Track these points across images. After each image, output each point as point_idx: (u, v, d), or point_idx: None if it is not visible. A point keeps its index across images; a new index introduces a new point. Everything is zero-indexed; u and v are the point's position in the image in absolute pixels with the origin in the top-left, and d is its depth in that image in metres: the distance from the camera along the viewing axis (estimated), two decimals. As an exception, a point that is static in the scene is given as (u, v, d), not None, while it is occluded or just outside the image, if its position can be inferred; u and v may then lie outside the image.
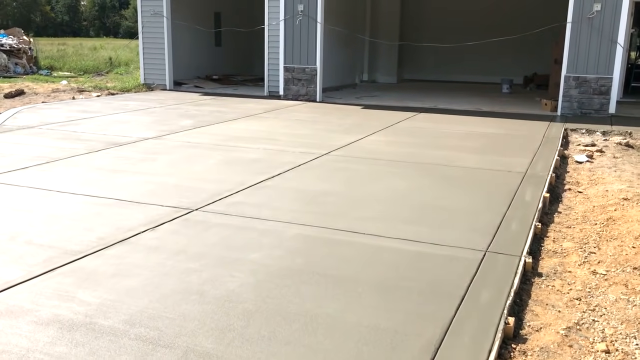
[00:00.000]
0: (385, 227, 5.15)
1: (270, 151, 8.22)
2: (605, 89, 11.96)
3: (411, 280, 4.08)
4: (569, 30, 12.02)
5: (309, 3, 13.98)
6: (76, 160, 7.46)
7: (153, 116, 11.33)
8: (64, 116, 11.07)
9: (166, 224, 5.12)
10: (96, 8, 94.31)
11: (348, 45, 17.07)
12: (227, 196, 5.98)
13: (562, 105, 12.33)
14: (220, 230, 4.99)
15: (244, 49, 20.06)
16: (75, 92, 15.86)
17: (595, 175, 7.47)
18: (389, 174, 7.07)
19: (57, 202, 5.71)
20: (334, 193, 6.20)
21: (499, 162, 7.76)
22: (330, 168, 7.34)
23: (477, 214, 5.58)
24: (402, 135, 9.77)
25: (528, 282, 4.27)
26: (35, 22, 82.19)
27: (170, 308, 3.61)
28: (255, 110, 12.44)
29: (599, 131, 10.39)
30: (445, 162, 7.71)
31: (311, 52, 14.20)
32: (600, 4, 11.71)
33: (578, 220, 5.71)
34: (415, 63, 20.08)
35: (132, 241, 4.71)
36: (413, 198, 6.13)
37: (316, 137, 9.36)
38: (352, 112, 12.52)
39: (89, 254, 4.42)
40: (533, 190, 6.40)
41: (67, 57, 24.90)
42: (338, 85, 16.45)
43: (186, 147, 8.39)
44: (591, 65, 11.98)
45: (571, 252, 4.89)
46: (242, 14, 19.34)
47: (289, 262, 4.35)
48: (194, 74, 17.94)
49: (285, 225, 5.14)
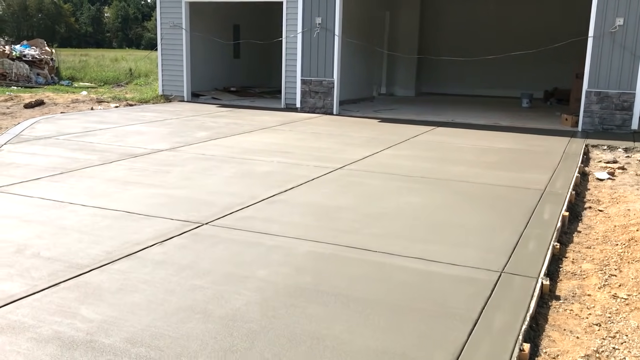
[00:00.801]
0: (399, 245, 5.02)
1: (285, 164, 8.14)
2: (627, 105, 11.71)
3: (423, 302, 3.94)
4: (591, 45, 11.82)
5: (327, 16, 13.96)
6: (90, 172, 7.45)
7: (169, 128, 11.33)
8: (81, 127, 11.12)
9: (175, 238, 5.04)
10: (119, 20, 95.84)
11: (366, 58, 17.00)
12: (238, 210, 5.90)
13: (583, 120, 12.10)
14: (229, 246, 4.90)
15: (262, 61, 20.11)
16: (94, 102, 15.98)
17: (616, 193, 7.26)
18: (404, 190, 6.94)
19: (67, 213, 5.67)
20: (347, 208, 6.09)
21: (517, 179, 7.59)
22: (345, 183, 7.23)
23: (494, 233, 5.42)
24: (418, 149, 9.64)
25: (545, 305, 4.10)
26: (60, 33, 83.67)
27: (173, 327, 3.51)
28: (271, 122, 12.40)
29: (621, 148, 10.16)
30: (462, 178, 7.56)
31: (328, 64, 14.15)
32: (623, 18, 11.50)
33: (598, 241, 5.52)
34: (434, 76, 19.94)
35: (139, 255, 4.64)
36: (428, 215, 5.99)
37: (331, 151, 9.27)
38: (369, 125, 12.42)
39: (95, 268, 4.35)
40: (552, 208, 6.22)
41: (88, 68, 25.21)
42: (355, 98, 16.37)
43: (200, 160, 8.35)
44: (613, 80, 11.75)
45: (591, 274, 4.71)
46: (260, 27, 19.41)
47: (298, 280, 4.23)
48: (212, 85, 18.00)
49: (295, 242, 5.04)
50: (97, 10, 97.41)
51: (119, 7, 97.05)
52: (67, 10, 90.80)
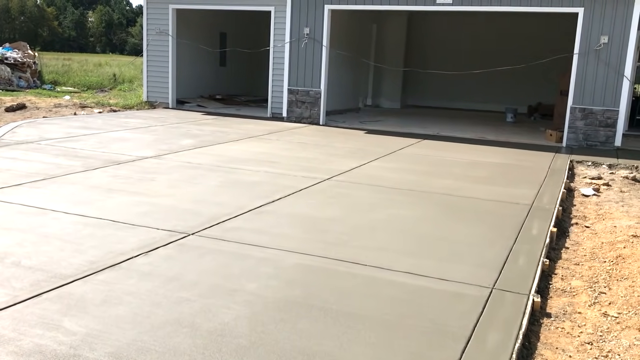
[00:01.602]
0: (388, 258, 4.97)
1: (272, 174, 8.06)
2: (611, 122, 11.84)
3: (414, 318, 3.88)
4: (576, 62, 11.95)
5: (315, 26, 13.96)
6: (72, 178, 7.30)
7: (154, 135, 11.20)
8: (64, 132, 10.94)
9: (160, 249, 4.93)
10: (103, 25, 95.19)
11: (353, 69, 17.03)
12: (225, 220, 5.80)
13: (568, 136, 12.21)
14: (216, 257, 4.81)
15: (249, 70, 20.05)
16: (77, 107, 15.77)
17: (602, 209, 7.30)
18: (392, 202, 6.90)
19: (49, 221, 5.53)
20: (336, 220, 6.03)
21: (504, 193, 7.59)
22: (332, 194, 7.17)
23: (483, 248, 5.40)
24: (405, 162, 9.62)
25: (537, 323, 4.07)
26: (42, 37, 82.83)
27: (160, 341, 3.41)
28: (257, 131, 12.32)
29: (605, 164, 10.25)
30: (450, 192, 7.54)
31: (316, 75, 14.13)
32: (607, 36, 11.65)
33: (586, 257, 5.53)
34: (419, 89, 20.05)
35: (123, 266, 4.52)
36: (417, 228, 5.95)
37: (319, 161, 9.22)
38: (356, 136, 12.40)
39: (78, 279, 4.23)
40: (540, 224, 6.23)
41: (71, 72, 24.92)
42: (342, 109, 16.36)
43: (186, 168, 8.24)
44: (597, 97, 11.88)
45: (580, 291, 4.70)
46: (247, 35, 19.36)
47: (287, 294, 4.15)
48: (197, 93, 17.88)
49: (284, 254, 4.96)
50: (80, 14, 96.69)
51: (103, 11, 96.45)
52: (50, 14, 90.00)
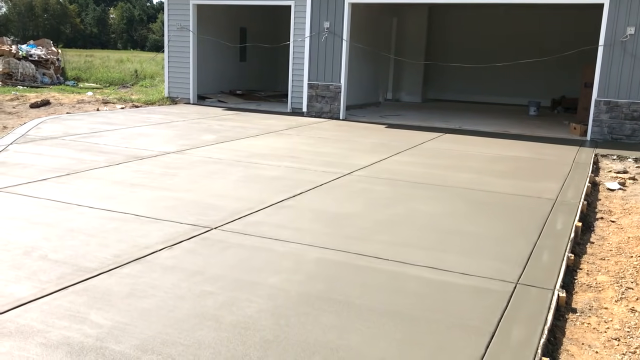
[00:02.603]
0: (410, 253, 4.94)
1: (292, 169, 8.07)
2: (637, 115, 11.63)
3: (438, 312, 3.86)
4: (601, 54, 11.75)
5: (335, 20, 13.91)
6: (96, 173, 7.39)
7: (175, 130, 11.28)
8: (87, 127, 11.07)
9: (184, 243, 4.97)
10: (124, 21, 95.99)
11: (373, 63, 16.95)
12: (247, 215, 5.83)
13: (592, 129, 12.02)
14: (238, 251, 4.83)
15: (268, 65, 20.06)
16: (100, 103, 15.95)
17: (628, 204, 7.18)
18: (413, 197, 6.86)
19: (74, 215, 5.61)
20: (357, 215, 6.01)
21: (528, 187, 7.51)
22: (353, 189, 7.16)
23: (507, 242, 5.35)
24: (427, 156, 9.56)
25: (562, 318, 4.02)
26: (65, 34, 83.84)
27: (184, 334, 3.44)
28: (277, 126, 12.34)
29: (631, 158, 10.07)
30: (472, 186, 7.48)
31: (336, 69, 14.10)
32: (634, 27, 11.43)
33: (612, 252, 5.44)
34: (441, 83, 19.89)
35: (148, 260, 4.57)
36: (438, 222, 5.91)
37: (339, 156, 9.20)
38: (376, 131, 12.35)
39: (104, 272, 4.28)
40: (564, 218, 6.15)
41: (93, 69, 25.21)
42: (362, 104, 16.31)
43: (207, 163, 8.29)
44: (623, 89, 11.67)
45: (606, 286, 4.63)
46: (267, 30, 19.37)
47: (309, 288, 4.16)
48: (218, 88, 17.95)
49: (305, 248, 4.96)
50: (102, 11, 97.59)
51: (124, 8, 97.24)
52: (72, 11, 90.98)
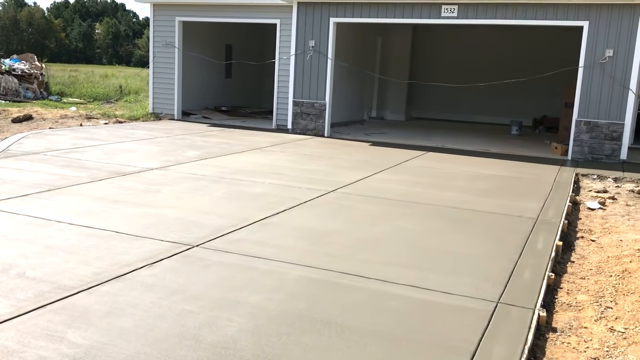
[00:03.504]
0: (393, 271, 4.95)
1: (276, 186, 8.07)
2: (616, 135, 11.82)
3: (419, 332, 3.86)
4: (581, 75, 11.96)
5: (320, 39, 14.02)
6: (78, 189, 7.32)
7: (159, 146, 11.24)
8: (70, 143, 10.99)
9: (165, 260, 4.93)
10: (110, 36, 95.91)
11: (357, 81, 17.08)
12: (230, 232, 5.80)
13: (573, 149, 12.19)
14: (220, 269, 4.80)
15: (254, 82, 20.13)
16: (84, 118, 15.85)
17: (608, 223, 7.26)
18: (396, 215, 6.89)
19: (54, 232, 5.54)
20: (340, 233, 6.02)
21: (509, 206, 7.57)
22: (337, 206, 7.17)
23: (488, 261, 5.38)
24: (410, 174, 9.62)
25: (542, 337, 4.04)
26: (50, 48, 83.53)
27: (164, 353, 3.40)
28: (262, 143, 12.35)
29: (611, 177, 10.21)
30: (455, 204, 7.53)
31: (321, 87, 14.18)
32: (613, 49, 11.66)
33: (592, 271, 5.49)
34: (424, 101, 20.07)
35: (128, 277, 4.52)
36: (421, 241, 5.93)
37: (323, 173, 9.22)
38: (360, 148, 12.41)
39: (83, 290, 4.23)
40: (545, 237, 6.20)
41: (77, 84, 25.08)
42: (346, 121, 16.39)
43: (191, 179, 8.26)
44: (603, 110, 11.87)
45: (586, 305, 4.66)
46: (253, 47, 19.46)
47: (291, 307, 4.14)
48: (203, 104, 17.95)
49: (288, 266, 4.95)
50: (88, 26, 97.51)
51: (110, 23, 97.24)
52: (57, 26, 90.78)
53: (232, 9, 15.32)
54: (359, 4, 13.50)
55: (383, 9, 13.31)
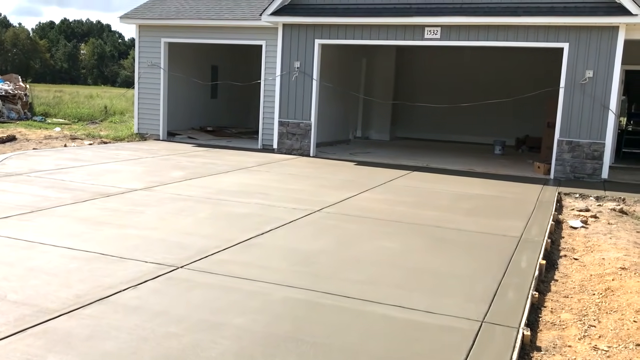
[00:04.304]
0: (378, 291, 4.95)
1: (261, 206, 8.06)
2: (597, 154, 11.99)
3: (405, 352, 3.86)
4: (562, 95, 12.15)
5: (305, 60, 14.14)
6: (61, 211, 7.26)
7: (144, 166, 11.20)
8: (54, 164, 10.92)
9: (149, 282, 4.89)
10: (95, 57, 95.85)
11: (342, 101, 17.21)
12: (215, 253, 5.78)
13: (555, 168, 12.34)
14: (204, 291, 4.77)
15: (240, 102, 20.20)
16: (68, 139, 15.77)
17: (590, 241, 7.33)
18: (382, 234, 6.90)
19: (36, 254, 5.48)
20: (325, 253, 6.02)
21: (493, 225, 7.63)
22: (322, 226, 7.17)
23: (472, 280, 5.40)
24: (395, 193, 9.66)
25: (527, 356, 4.06)
26: (35, 69, 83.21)
27: (146, 377, 3.36)
28: (248, 163, 12.35)
29: (593, 196, 10.34)
30: (439, 224, 7.57)
31: (306, 107, 14.26)
32: (592, 70, 11.88)
33: (575, 290, 5.53)
34: (409, 121, 20.24)
35: (111, 300, 4.48)
36: (406, 260, 5.95)
37: (308, 193, 9.24)
38: (345, 168, 12.46)
39: (64, 313, 4.18)
40: (529, 256, 6.25)
41: (62, 104, 24.96)
42: (332, 141, 16.47)
43: (175, 200, 8.22)
44: (584, 130, 12.05)
45: (570, 324, 4.69)
46: (238, 68, 19.56)
47: (276, 328, 4.12)
48: (188, 124, 17.95)
49: (273, 287, 4.93)
50: (73, 47, 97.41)
51: (96, 44, 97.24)
52: (42, 46, 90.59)
53: (217, 30, 15.42)
54: (343, 26, 13.66)
55: (367, 31, 13.48)
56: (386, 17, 13.07)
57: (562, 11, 11.88)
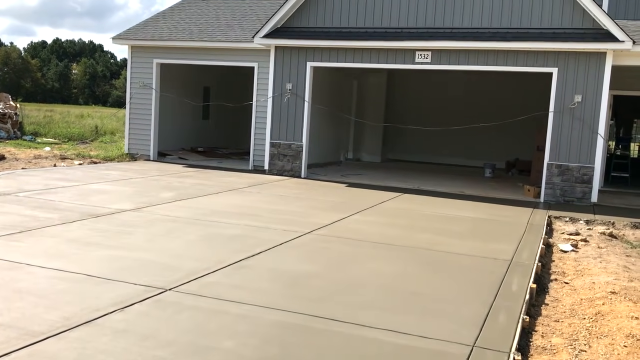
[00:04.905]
0: (369, 315, 4.92)
1: (252, 228, 8.03)
2: (587, 178, 12.08)
3: (395, 377, 3.82)
4: (552, 119, 12.27)
5: (297, 82, 14.22)
6: (50, 231, 7.19)
7: (134, 187, 11.14)
8: (43, 184, 10.84)
9: (137, 305, 4.84)
10: (87, 77, 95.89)
11: (334, 123, 17.28)
12: (204, 275, 5.73)
13: (545, 192, 12.40)
14: (193, 314, 4.72)
15: (231, 123, 20.24)
16: (58, 159, 15.69)
17: (580, 265, 7.35)
18: (373, 257, 6.88)
19: (23, 275, 5.41)
20: (316, 276, 5.98)
21: (484, 249, 7.63)
22: (313, 248, 7.15)
23: (464, 304, 5.38)
24: (386, 216, 9.66)
25: (518, 382, 4.03)
26: (25, 88, 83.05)
27: (132, 402, 3.30)
28: (238, 184, 12.33)
29: (583, 220, 10.38)
30: (430, 247, 7.56)
31: (298, 129, 14.30)
32: (581, 95, 12.02)
33: (566, 314, 5.53)
34: (400, 144, 20.34)
35: (98, 322, 4.42)
36: (397, 284, 5.92)
37: (299, 215, 9.21)
38: (337, 190, 12.46)
39: (51, 336, 4.11)
40: (519, 280, 6.24)
41: (52, 124, 24.89)
42: (323, 162, 16.50)
43: (165, 221, 8.17)
44: (573, 154, 12.15)
45: (561, 349, 4.67)
46: (231, 89, 19.63)
47: (265, 353, 4.07)
48: (179, 145, 17.94)
49: (262, 310, 4.89)
50: (65, 66, 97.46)
51: (88, 64, 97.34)
52: (34, 66, 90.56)
53: (210, 52, 15.50)
54: (335, 49, 13.78)
55: (359, 54, 13.59)
56: (377, 40, 13.21)
57: (551, 37, 12.06)
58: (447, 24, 12.86)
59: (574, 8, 12.01)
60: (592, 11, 11.79)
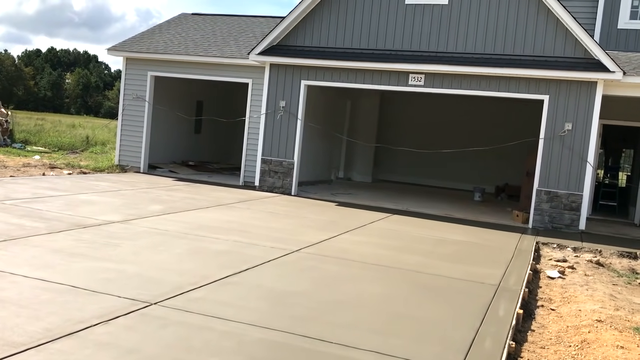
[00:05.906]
0: (356, 336, 4.88)
1: (240, 244, 7.98)
2: (575, 205, 12.16)
3: (379, 400, 3.79)
4: (542, 146, 12.38)
5: (291, 100, 14.27)
6: (35, 240, 7.12)
7: (122, 199, 11.07)
8: (31, 192, 10.75)
9: (121, 318, 4.78)
10: (80, 87, 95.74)
11: (326, 142, 17.33)
12: (190, 290, 5.68)
13: (534, 218, 12.46)
14: (178, 329, 4.67)
15: (223, 138, 20.24)
16: (47, 168, 15.58)
17: (567, 292, 7.36)
18: (361, 277, 6.86)
19: (6, 285, 5.33)
20: (303, 294, 5.94)
21: (471, 272, 7.63)
22: (301, 266, 7.11)
23: (450, 328, 5.36)
24: (375, 236, 9.65)
25: (503, 408, 4.00)
26: (17, 95, 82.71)
27: (112, 418, 3.24)
28: (228, 199, 12.28)
29: (570, 247, 10.42)
30: (418, 269, 7.55)
31: (290, 146, 14.32)
32: (572, 123, 12.15)
33: (552, 341, 5.52)
34: (391, 164, 20.41)
35: (81, 335, 4.35)
36: (385, 305, 5.90)
37: (288, 232, 9.18)
38: (327, 208, 12.44)
39: (32, 347, 4.05)
40: (506, 305, 6.24)
41: (43, 132, 24.76)
42: (314, 180, 16.50)
43: (152, 234, 8.12)
44: (562, 181, 12.24)
45: (546, 376, 4.66)
46: (224, 104, 19.66)
47: (249, 371, 4.03)
48: (170, 158, 17.89)
49: (248, 328, 4.84)
50: (58, 75, 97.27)
51: (82, 74, 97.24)
52: (27, 74, 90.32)
53: (205, 67, 15.54)
54: (329, 69, 13.86)
55: (353, 75, 13.69)
56: (372, 62, 13.31)
57: (543, 64, 12.20)
58: (442, 48, 13.00)
59: (566, 37, 12.18)
60: (584, 41, 11.97)
